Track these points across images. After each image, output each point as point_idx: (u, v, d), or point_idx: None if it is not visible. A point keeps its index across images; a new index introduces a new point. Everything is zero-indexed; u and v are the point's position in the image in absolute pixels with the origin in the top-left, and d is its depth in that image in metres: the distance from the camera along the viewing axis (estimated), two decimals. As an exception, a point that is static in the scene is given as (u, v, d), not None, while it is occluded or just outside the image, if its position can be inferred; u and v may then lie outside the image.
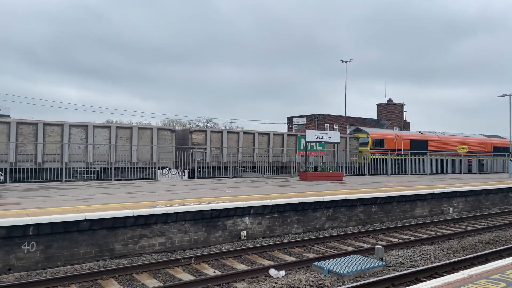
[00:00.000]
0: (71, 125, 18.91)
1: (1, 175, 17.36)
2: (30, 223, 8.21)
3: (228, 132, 23.94)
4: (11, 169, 16.98)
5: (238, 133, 24.12)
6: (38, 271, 8.22)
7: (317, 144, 25.78)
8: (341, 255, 9.60)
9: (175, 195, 13.03)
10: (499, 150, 37.66)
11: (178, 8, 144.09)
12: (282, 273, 8.30)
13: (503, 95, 31.26)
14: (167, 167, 20.81)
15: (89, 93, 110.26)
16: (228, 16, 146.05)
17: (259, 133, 24.64)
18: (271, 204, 11.82)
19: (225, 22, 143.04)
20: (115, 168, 19.36)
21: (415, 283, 7.23)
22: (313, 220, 12.92)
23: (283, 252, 10.29)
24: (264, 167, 24.15)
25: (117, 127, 20.16)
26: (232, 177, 22.23)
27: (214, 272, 8.48)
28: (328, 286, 7.65)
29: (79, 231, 8.89)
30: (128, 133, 20.06)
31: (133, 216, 9.45)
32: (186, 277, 8.15)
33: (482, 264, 8.20)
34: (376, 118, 50.75)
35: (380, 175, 28.48)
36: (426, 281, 6.82)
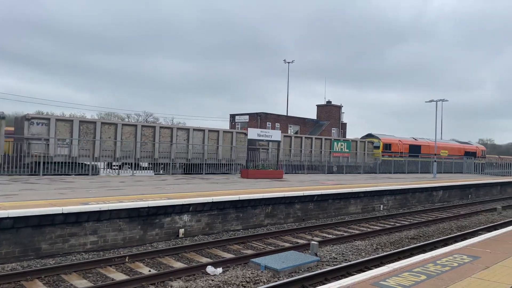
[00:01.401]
0: (178, 128, 23.77)
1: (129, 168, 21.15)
2: None
3: (284, 136, 28.91)
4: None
5: (290, 137, 30.19)
6: (-50, 274, 7.48)
7: (345, 146, 31.46)
8: (278, 251, 9.80)
9: (110, 191, 12.50)
10: (468, 154, 47.05)
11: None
12: (220, 270, 8.29)
13: (431, 101, 33.30)
14: (239, 163, 25.34)
15: (15, 80, 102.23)
16: (171, 6, 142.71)
17: (305, 137, 30.92)
18: (211, 201, 11.75)
19: (167, 13, 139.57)
20: (205, 164, 23.65)
21: (346, 277, 7.57)
22: (253, 217, 13.04)
23: (222, 249, 10.28)
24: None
25: (208, 131, 24.54)
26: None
27: (149, 271, 8.26)
28: (264, 282, 7.76)
29: (0, 229, 8.21)
30: (216, 135, 24.77)
31: (62, 214, 8.92)
32: (119, 276, 7.85)
33: (407, 258, 8.77)
34: (315, 118, 52.37)
35: (389, 173, 33.29)
36: (355, 274, 7.15)
